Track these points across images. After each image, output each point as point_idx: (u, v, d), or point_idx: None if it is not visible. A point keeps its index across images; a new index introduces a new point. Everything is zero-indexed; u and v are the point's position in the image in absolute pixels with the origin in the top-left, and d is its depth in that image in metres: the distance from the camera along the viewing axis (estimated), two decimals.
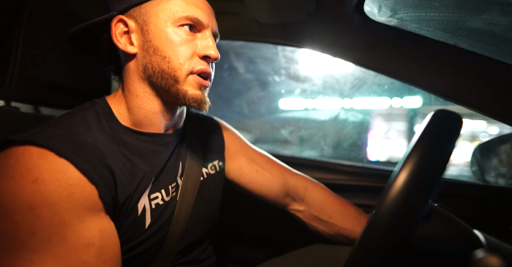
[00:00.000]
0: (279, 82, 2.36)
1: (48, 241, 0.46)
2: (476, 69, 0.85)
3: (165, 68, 0.60)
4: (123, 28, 0.61)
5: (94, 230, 0.50)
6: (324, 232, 0.88)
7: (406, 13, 0.95)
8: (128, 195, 0.57)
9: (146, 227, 0.60)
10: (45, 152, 0.48)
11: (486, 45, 0.89)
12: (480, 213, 0.97)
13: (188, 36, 0.61)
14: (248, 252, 1.21)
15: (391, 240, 0.40)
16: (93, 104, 0.63)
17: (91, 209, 0.50)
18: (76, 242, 0.47)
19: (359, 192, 1.09)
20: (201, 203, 0.74)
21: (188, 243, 0.71)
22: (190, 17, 0.60)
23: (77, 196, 0.48)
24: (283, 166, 0.93)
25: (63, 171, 0.48)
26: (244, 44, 2.24)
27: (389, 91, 2.55)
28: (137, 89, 0.63)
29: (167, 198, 0.65)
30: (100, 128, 0.59)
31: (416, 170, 0.40)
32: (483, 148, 1.12)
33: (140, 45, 0.61)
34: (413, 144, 0.42)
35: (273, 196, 0.88)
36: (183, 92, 0.61)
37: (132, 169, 0.59)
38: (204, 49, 0.62)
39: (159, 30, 0.59)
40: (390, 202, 0.39)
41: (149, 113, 0.64)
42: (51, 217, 0.46)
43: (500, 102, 0.83)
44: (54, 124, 0.55)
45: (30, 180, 0.46)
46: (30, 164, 0.47)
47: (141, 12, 0.60)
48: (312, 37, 1.00)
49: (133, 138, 0.62)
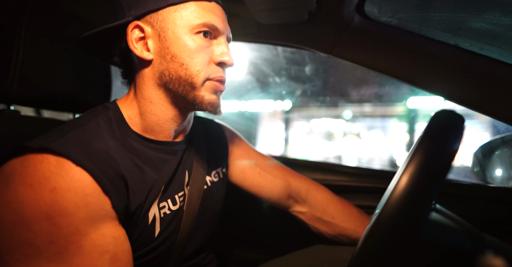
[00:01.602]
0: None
1: (65, 250, 0.46)
2: (477, 69, 0.85)
3: (182, 75, 0.60)
4: (139, 34, 0.61)
5: (109, 238, 0.50)
6: (326, 233, 0.89)
7: (406, 13, 0.95)
8: (139, 204, 0.57)
9: (156, 235, 0.61)
10: (62, 161, 0.49)
11: (486, 45, 0.89)
12: (482, 213, 0.96)
13: (205, 43, 0.62)
14: (250, 254, 1.20)
15: (395, 241, 0.40)
16: (105, 109, 0.63)
17: (105, 217, 0.50)
18: (91, 250, 0.48)
19: (361, 194, 1.09)
20: (204, 211, 0.74)
21: (192, 250, 0.71)
22: (207, 24, 0.61)
23: (93, 205, 0.49)
24: (285, 168, 0.93)
25: (80, 180, 0.48)
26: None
27: (273, 95, 2.86)
28: (151, 95, 0.63)
29: (174, 207, 0.65)
30: (112, 134, 0.59)
31: (420, 171, 0.39)
32: (485, 148, 1.11)
33: (157, 51, 0.61)
34: (416, 144, 0.42)
35: (276, 198, 0.89)
36: (200, 98, 0.62)
37: (142, 177, 0.59)
38: (220, 56, 0.63)
39: (176, 37, 0.60)
40: (394, 203, 0.39)
41: (162, 119, 0.64)
42: (68, 226, 0.46)
43: (501, 102, 0.83)
44: (69, 131, 0.55)
45: (48, 189, 0.47)
46: (48, 173, 0.48)
47: (158, 18, 0.60)
48: (312, 38, 1.00)
49: (143, 145, 0.62)
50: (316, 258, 0.88)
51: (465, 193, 0.99)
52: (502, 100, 0.83)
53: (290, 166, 0.96)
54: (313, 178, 0.96)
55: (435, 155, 0.41)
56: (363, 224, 0.86)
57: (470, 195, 0.99)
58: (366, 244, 0.41)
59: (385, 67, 0.94)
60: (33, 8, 0.71)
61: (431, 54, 0.89)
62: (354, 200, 1.06)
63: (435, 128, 0.44)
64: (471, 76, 0.85)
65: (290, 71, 2.63)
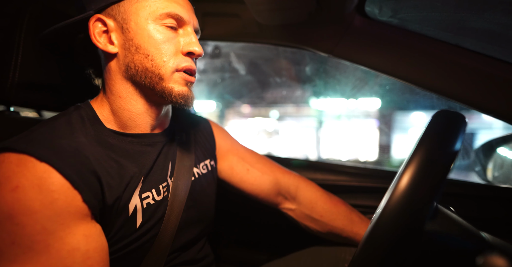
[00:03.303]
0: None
1: (29, 250, 0.45)
2: (478, 68, 0.85)
3: (148, 67, 0.59)
4: (102, 27, 0.60)
5: (79, 235, 0.49)
6: (316, 230, 0.88)
7: (407, 13, 0.95)
8: (117, 197, 0.56)
9: (138, 226, 0.60)
10: (25, 158, 0.47)
11: (488, 44, 0.89)
12: (483, 213, 0.96)
13: (171, 34, 0.61)
14: (244, 252, 1.21)
15: (396, 241, 0.39)
16: (77, 109, 0.62)
17: (75, 214, 0.49)
18: (60, 248, 0.47)
19: (362, 193, 1.09)
20: (194, 203, 0.74)
21: (184, 243, 0.71)
22: (171, 13, 0.59)
23: (60, 202, 0.47)
24: (275, 165, 0.92)
25: (44, 178, 0.47)
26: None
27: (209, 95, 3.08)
28: (119, 90, 0.62)
29: (158, 198, 0.65)
30: (85, 132, 0.58)
31: (421, 170, 0.39)
32: (486, 148, 1.11)
33: (121, 44, 0.60)
34: (418, 143, 0.42)
35: (265, 194, 0.88)
36: (169, 90, 0.61)
37: (119, 171, 0.58)
38: (188, 45, 0.62)
39: (140, 28, 0.59)
40: (395, 203, 0.39)
41: (134, 114, 0.63)
42: (32, 225, 0.45)
43: (502, 101, 0.83)
44: (36, 129, 0.54)
45: (9, 189, 0.45)
46: (9, 172, 0.47)
47: (120, 10, 0.59)
48: (313, 38, 1.00)
49: (119, 140, 0.62)
50: (315, 259, 0.88)
51: (465, 192, 0.99)
52: (503, 99, 0.83)
53: (290, 166, 0.96)
54: (314, 179, 0.96)
55: (437, 154, 0.41)
56: (350, 223, 0.86)
57: (470, 195, 0.99)
58: (368, 244, 0.41)
59: (386, 66, 0.94)
60: (33, 12, 0.71)
61: (432, 54, 0.89)
62: (355, 200, 1.06)
63: (436, 127, 0.44)
64: (472, 75, 0.85)
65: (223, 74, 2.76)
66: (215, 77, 2.74)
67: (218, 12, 1.02)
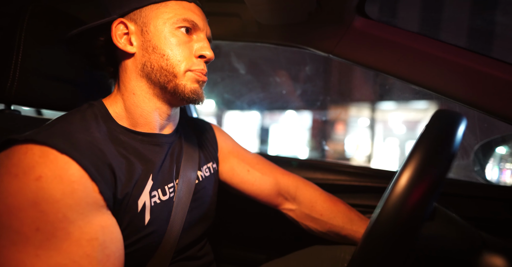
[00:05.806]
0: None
1: (52, 236, 0.47)
2: (478, 68, 0.85)
3: (163, 65, 0.64)
4: (123, 30, 0.65)
5: (96, 226, 0.50)
6: (316, 230, 0.90)
7: (407, 13, 0.95)
8: (127, 192, 0.58)
9: (146, 223, 0.62)
10: (47, 150, 0.49)
11: (487, 44, 0.90)
12: (482, 212, 0.96)
13: (185, 38, 0.66)
14: (244, 252, 1.21)
15: (395, 240, 0.40)
16: (90, 106, 0.65)
17: (93, 205, 0.51)
18: (79, 237, 0.48)
19: (361, 193, 1.09)
20: (198, 205, 0.76)
21: (187, 243, 0.72)
22: (187, 19, 0.65)
23: (80, 192, 0.49)
24: (274, 166, 0.94)
25: (65, 168, 0.49)
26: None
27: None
28: (134, 87, 0.66)
29: (164, 198, 0.66)
30: (98, 128, 0.60)
31: (420, 170, 0.39)
32: (485, 147, 1.11)
33: (139, 45, 0.65)
34: (416, 143, 0.42)
35: (265, 195, 0.89)
36: (182, 86, 0.65)
37: (129, 167, 0.60)
38: (200, 49, 0.67)
39: (158, 30, 0.64)
40: (393, 202, 0.39)
41: (145, 111, 0.66)
42: (55, 213, 0.47)
43: (502, 101, 0.83)
44: (54, 124, 0.57)
45: (33, 178, 0.47)
46: (33, 162, 0.48)
47: (141, 15, 0.65)
48: (313, 38, 1.00)
49: (130, 137, 0.64)
50: (315, 258, 0.88)
51: (465, 192, 0.99)
52: (503, 99, 0.83)
53: (290, 166, 0.96)
54: (313, 178, 0.97)
55: (436, 153, 0.41)
56: (350, 221, 0.87)
57: (470, 194, 0.99)
58: (366, 244, 0.41)
59: (385, 66, 0.94)
60: (33, 12, 0.71)
61: (431, 54, 0.89)
62: (355, 200, 1.06)
63: (435, 127, 0.44)
64: (471, 75, 0.85)
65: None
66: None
67: (218, 12, 1.02)
